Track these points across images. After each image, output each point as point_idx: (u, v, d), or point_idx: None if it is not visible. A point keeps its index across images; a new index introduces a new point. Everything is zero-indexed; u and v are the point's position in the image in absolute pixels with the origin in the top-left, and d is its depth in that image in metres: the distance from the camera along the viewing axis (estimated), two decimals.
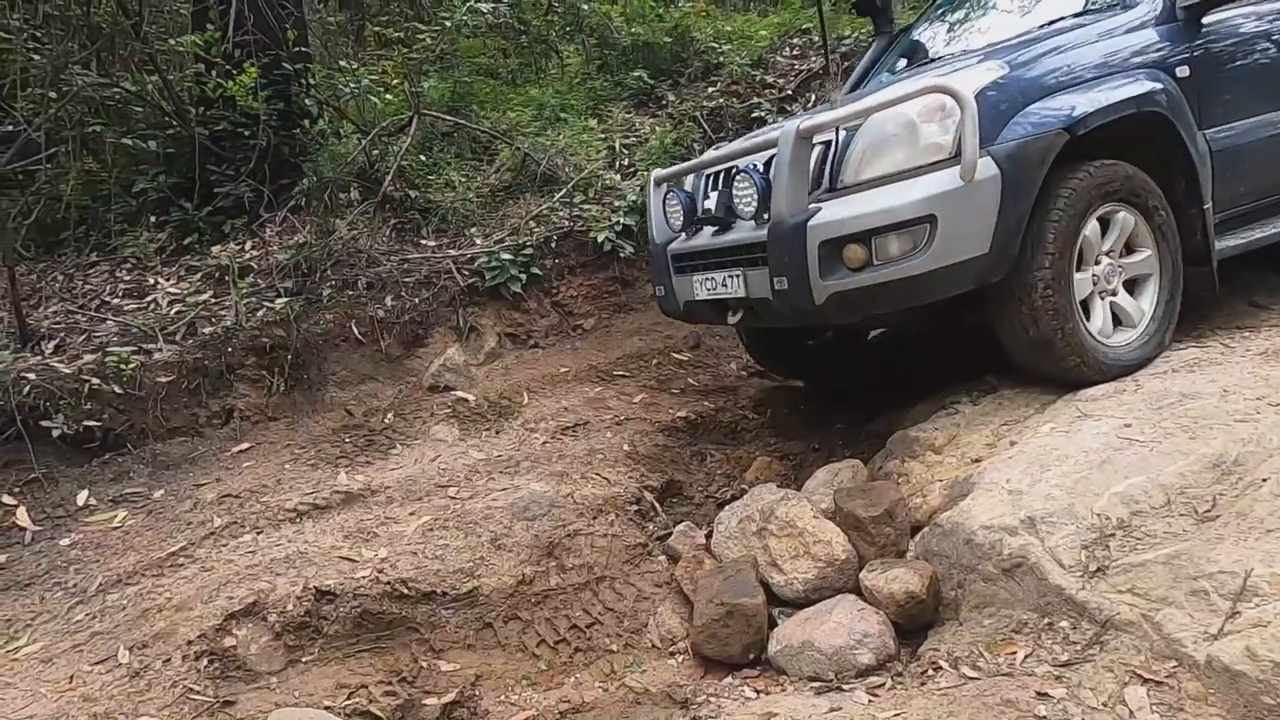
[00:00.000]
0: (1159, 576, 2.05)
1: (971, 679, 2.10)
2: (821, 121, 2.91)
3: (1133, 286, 3.06)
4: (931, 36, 4.37)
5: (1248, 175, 3.31)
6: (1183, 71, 3.12)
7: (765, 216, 2.99)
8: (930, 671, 2.21)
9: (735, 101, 6.23)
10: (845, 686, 2.28)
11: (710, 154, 3.72)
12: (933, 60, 3.97)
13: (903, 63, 4.31)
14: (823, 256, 2.79)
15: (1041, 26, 3.44)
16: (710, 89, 6.42)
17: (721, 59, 6.67)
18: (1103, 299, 2.99)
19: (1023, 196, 2.72)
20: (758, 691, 2.40)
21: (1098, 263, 2.96)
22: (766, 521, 2.83)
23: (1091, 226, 2.90)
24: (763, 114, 6.01)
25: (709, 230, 3.35)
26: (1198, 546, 2.07)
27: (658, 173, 3.82)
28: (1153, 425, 2.53)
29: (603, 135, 5.87)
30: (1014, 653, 2.13)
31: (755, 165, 3.12)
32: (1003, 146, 2.71)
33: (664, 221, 3.63)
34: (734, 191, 3.17)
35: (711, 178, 3.43)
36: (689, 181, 3.63)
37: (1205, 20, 3.24)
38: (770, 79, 6.52)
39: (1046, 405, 2.91)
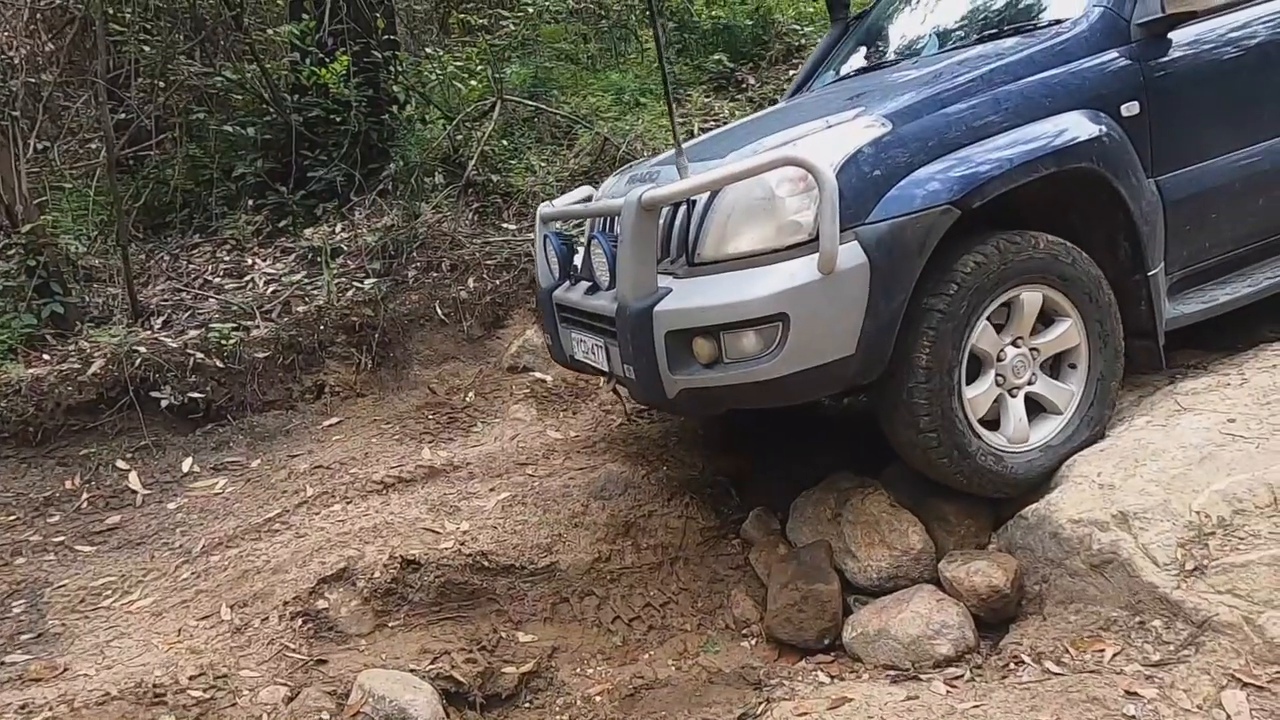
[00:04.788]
0: (1263, 578, 1.96)
1: (1056, 674, 2.05)
2: (666, 195, 2.40)
3: (1057, 368, 2.64)
4: (891, 22, 3.83)
5: (1215, 225, 2.78)
6: (1131, 108, 2.56)
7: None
8: (1012, 665, 2.17)
9: None
10: (922, 676, 2.25)
11: (602, 191, 3.27)
12: (883, 65, 3.46)
13: (856, 60, 3.75)
14: (670, 348, 2.39)
15: (964, 45, 2.99)
16: (792, 71, 6.32)
17: (803, 40, 6.57)
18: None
19: (897, 289, 2.28)
20: (832, 677, 2.39)
21: (1001, 359, 2.52)
22: (842, 508, 2.81)
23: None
24: None
25: (584, 285, 2.89)
26: None
27: (543, 209, 3.30)
28: (1259, 421, 2.40)
29: (682, 119, 5.86)
30: (1101, 650, 2.07)
31: (608, 229, 2.72)
32: (874, 228, 2.25)
33: (546, 266, 3.19)
34: (590, 254, 2.77)
35: (603, 224, 2.91)
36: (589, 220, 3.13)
37: (1172, 36, 2.66)
38: None
39: (1142, 398, 2.79)
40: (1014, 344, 2.55)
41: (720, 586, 2.87)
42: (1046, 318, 2.57)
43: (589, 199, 3.34)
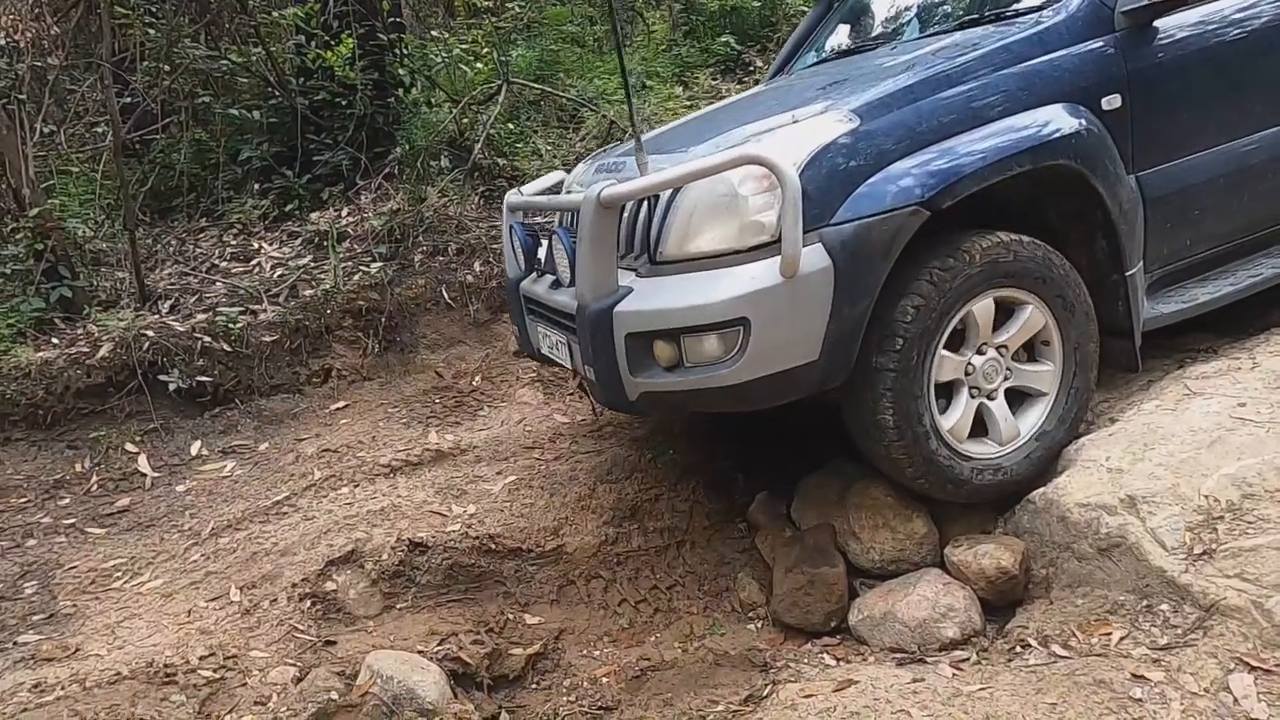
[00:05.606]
0: (1272, 562, 1.95)
1: (1062, 658, 2.05)
2: (625, 193, 2.30)
3: (1030, 348, 2.56)
4: (873, 1, 3.70)
5: (1198, 222, 2.70)
6: (1112, 101, 2.46)
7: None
8: (1018, 648, 2.17)
9: None
10: (928, 659, 2.26)
11: (573, 178, 3.19)
12: (863, 49, 3.33)
13: (836, 41, 3.63)
14: (631, 350, 2.31)
15: (944, 30, 2.89)
16: None
17: None
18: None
19: (861, 294, 2.20)
20: (838, 659, 2.40)
21: (969, 372, 2.44)
22: (846, 492, 2.81)
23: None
24: None
25: (549, 278, 2.79)
26: None
27: (510, 197, 3.21)
28: (1270, 405, 2.38)
29: (689, 102, 5.82)
30: (1108, 634, 2.07)
31: (570, 224, 2.62)
32: (839, 229, 2.17)
33: (512, 256, 3.10)
34: (552, 249, 2.69)
35: (566, 218, 2.78)
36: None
37: (1159, 24, 2.55)
38: None
39: (1152, 382, 2.78)
40: (979, 352, 2.45)
41: (727, 570, 2.88)
42: (1007, 308, 2.48)
43: (560, 184, 3.27)
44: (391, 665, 2.32)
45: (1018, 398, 2.58)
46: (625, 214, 2.44)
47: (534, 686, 2.53)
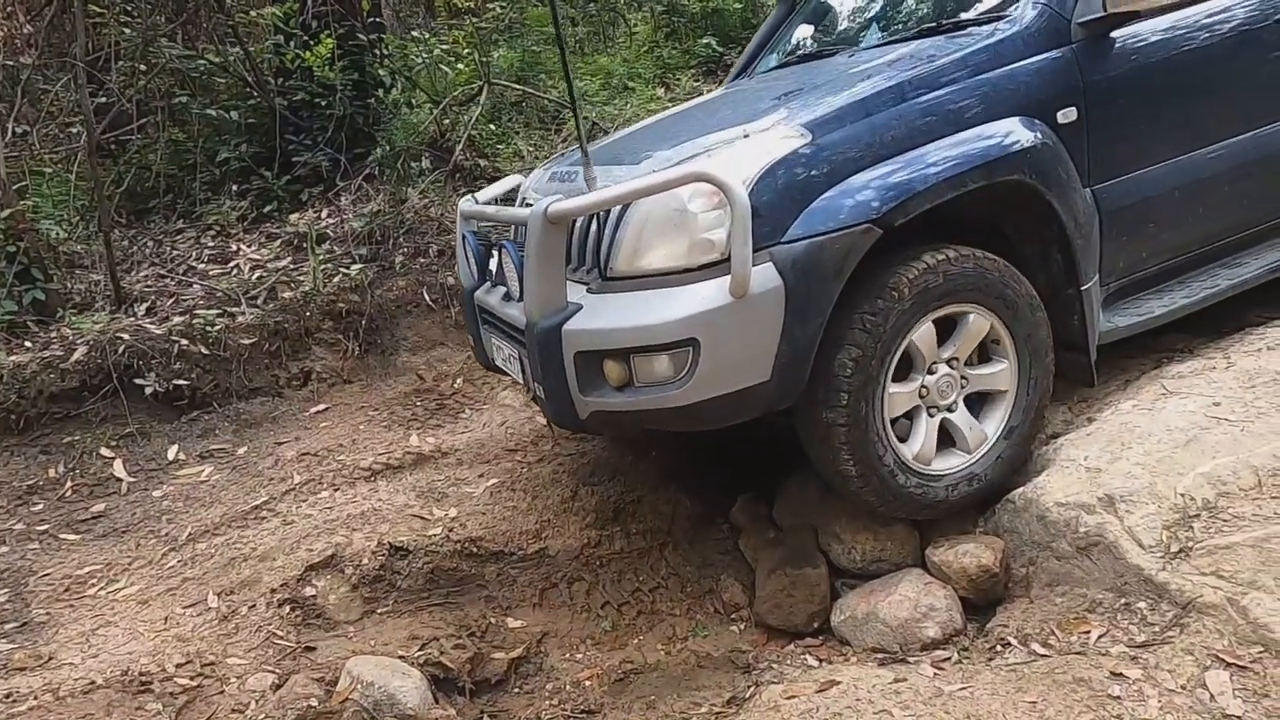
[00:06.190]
0: (1247, 560, 1.97)
1: (1042, 656, 2.06)
2: (572, 209, 2.23)
3: (983, 352, 2.53)
4: (836, 3, 3.67)
5: (1154, 235, 2.68)
6: (1068, 114, 2.43)
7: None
8: (998, 647, 2.18)
9: None
10: (910, 659, 2.26)
11: (528, 184, 3.15)
12: (822, 54, 3.27)
13: (797, 41, 3.61)
14: (580, 369, 2.27)
15: (903, 38, 2.86)
16: None
17: None
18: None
19: (813, 313, 2.17)
20: (820, 660, 2.40)
21: (924, 395, 2.42)
22: (828, 492, 2.81)
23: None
24: None
25: (502, 289, 2.73)
26: None
27: (463, 205, 3.10)
28: (1244, 404, 2.41)
29: (669, 104, 5.83)
30: (1087, 632, 2.08)
31: (518, 237, 2.56)
32: (791, 248, 2.13)
33: (466, 265, 3.04)
34: (502, 262, 2.65)
35: (514, 230, 2.74)
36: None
37: (1115, 35, 2.52)
38: None
39: (1129, 382, 2.81)
40: (929, 372, 2.42)
41: (709, 571, 2.87)
42: (950, 321, 2.43)
43: (517, 188, 3.23)
44: (372, 671, 2.30)
45: (979, 399, 2.57)
46: (576, 226, 2.41)
47: (516, 691, 2.51)
